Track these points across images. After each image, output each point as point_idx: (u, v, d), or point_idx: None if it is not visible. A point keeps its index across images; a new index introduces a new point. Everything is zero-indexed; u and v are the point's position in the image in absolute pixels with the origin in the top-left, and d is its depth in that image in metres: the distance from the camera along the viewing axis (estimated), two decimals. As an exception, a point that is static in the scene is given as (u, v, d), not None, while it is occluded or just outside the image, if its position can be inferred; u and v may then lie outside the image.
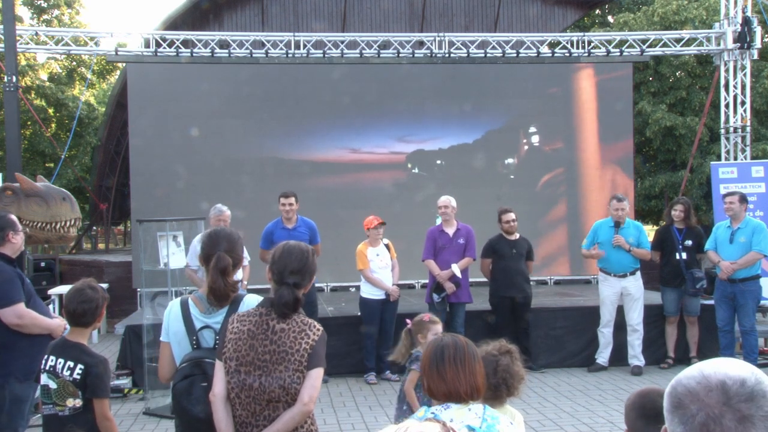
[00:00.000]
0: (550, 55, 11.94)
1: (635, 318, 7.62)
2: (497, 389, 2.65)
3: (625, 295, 7.66)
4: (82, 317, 3.33)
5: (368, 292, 7.42)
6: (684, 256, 7.74)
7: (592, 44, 11.90)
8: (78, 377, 3.23)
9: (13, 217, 4.36)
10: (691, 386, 1.24)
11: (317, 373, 2.64)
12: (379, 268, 7.40)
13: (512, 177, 11.79)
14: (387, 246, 7.55)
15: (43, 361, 3.34)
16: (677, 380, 1.28)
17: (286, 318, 2.67)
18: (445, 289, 7.36)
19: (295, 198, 7.38)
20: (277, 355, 2.62)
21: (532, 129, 11.80)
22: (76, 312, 3.32)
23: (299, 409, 2.61)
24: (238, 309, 2.91)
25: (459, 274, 7.38)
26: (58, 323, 4.18)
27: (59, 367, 3.26)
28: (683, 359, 7.85)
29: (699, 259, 8.03)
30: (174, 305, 3.04)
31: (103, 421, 3.24)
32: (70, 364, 3.24)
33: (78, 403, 3.23)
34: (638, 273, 7.68)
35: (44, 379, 3.29)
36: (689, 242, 7.78)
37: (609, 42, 11.87)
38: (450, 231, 7.59)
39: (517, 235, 7.86)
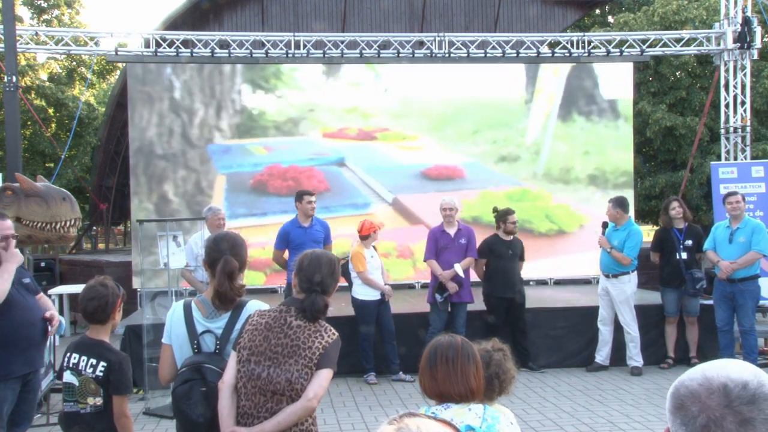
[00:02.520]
0: (550, 55, 11.94)
1: (623, 320, 7.63)
2: (490, 383, 2.65)
3: (609, 295, 7.67)
4: (93, 314, 3.35)
5: (364, 293, 7.41)
6: (684, 256, 7.74)
7: (592, 44, 11.90)
8: (101, 374, 3.25)
9: None
10: (693, 388, 1.23)
11: (326, 374, 2.67)
12: (374, 269, 7.42)
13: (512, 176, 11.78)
14: (374, 248, 7.59)
15: (66, 359, 3.36)
16: (680, 381, 1.27)
17: (315, 321, 2.73)
18: (448, 289, 7.37)
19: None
20: (289, 349, 2.67)
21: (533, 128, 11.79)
22: (87, 309, 3.35)
23: (302, 404, 2.63)
24: (240, 314, 2.94)
25: (462, 274, 7.40)
26: None
27: (82, 364, 3.28)
28: (683, 359, 7.85)
29: (698, 258, 8.02)
30: (177, 307, 3.05)
31: (121, 417, 3.26)
32: (93, 361, 3.27)
33: (99, 401, 3.25)
34: (624, 277, 7.58)
35: (67, 376, 3.31)
36: (689, 242, 7.77)
37: (609, 42, 11.87)
38: (451, 231, 7.60)
39: (511, 236, 7.88)
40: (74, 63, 18.99)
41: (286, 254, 7.35)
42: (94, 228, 19.46)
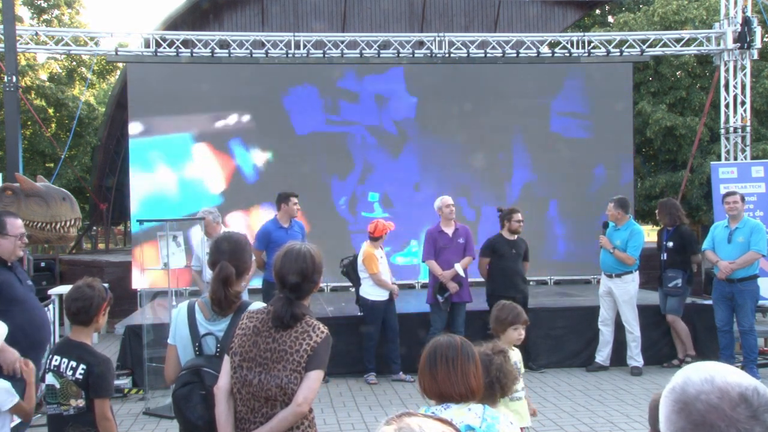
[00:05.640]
0: (550, 55, 11.93)
1: (625, 320, 7.65)
2: (491, 387, 2.66)
3: (612, 295, 7.68)
4: (77, 315, 3.33)
5: (375, 294, 7.40)
6: (664, 257, 7.88)
7: (592, 44, 11.89)
8: (81, 377, 3.22)
9: (7, 219, 4.28)
10: (713, 402, 1.22)
11: (316, 375, 2.61)
12: (384, 269, 7.45)
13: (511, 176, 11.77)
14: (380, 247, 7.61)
15: (48, 361, 3.34)
16: (691, 396, 1.25)
17: (287, 329, 2.66)
18: (449, 289, 7.36)
19: None
20: (277, 354, 2.62)
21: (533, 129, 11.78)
22: (71, 309, 3.32)
23: (292, 410, 2.59)
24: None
25: (462, 274, 7.39)
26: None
27: (63, 366, 3.26)
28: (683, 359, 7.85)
29: (692, 260, 8.00)
30: (182, 309, 3.05)
31: (103, 420, 3.23)
32: (73, 363, 3.25)
33: (81, 402, 3.23)
34: (627, 277, 7.61)
35: (49, 378, 3.29)
36: (671, 244, 7.88)
37: (609, 42, 11.87)
38: (449, 231, 7.58)
39: (515, 235, 7.86)
40: (74, 63, 18.96)
41: (264, 255, 7.27)
42: (94, 228, 19.46)
